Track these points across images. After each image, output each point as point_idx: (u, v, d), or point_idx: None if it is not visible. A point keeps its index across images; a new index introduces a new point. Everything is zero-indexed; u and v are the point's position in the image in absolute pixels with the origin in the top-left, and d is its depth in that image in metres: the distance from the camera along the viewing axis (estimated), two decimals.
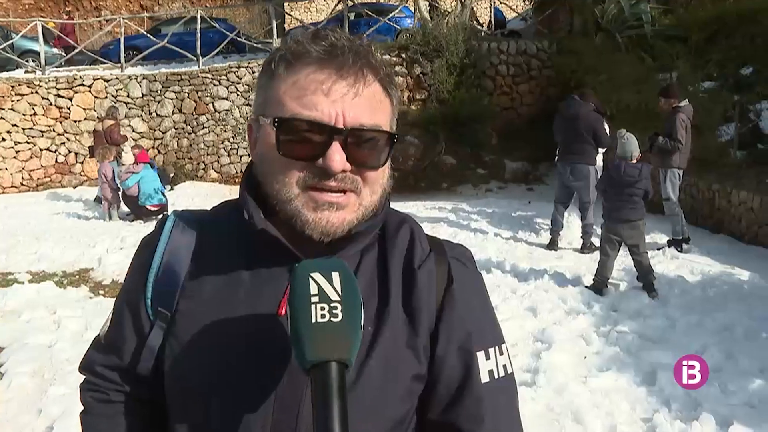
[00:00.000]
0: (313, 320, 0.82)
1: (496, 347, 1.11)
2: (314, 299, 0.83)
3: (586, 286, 6.55)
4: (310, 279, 0.85)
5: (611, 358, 4.95)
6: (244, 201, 1.05)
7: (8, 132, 14.87)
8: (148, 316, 1.09)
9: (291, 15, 22.12)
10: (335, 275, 0.86)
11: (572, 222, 8.82)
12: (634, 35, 13.88)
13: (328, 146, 0.96)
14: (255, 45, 18.45)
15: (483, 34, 17.11)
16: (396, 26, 17.24)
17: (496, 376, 1.09)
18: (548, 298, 6.22)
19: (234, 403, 1.01)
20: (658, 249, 7.94)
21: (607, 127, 8.33)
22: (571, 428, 3.97)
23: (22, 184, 15.01)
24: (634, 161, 6.40)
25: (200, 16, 17.17)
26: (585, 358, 4.98)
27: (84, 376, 1.19)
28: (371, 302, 1.05)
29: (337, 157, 0.96)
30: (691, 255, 7.78)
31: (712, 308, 5.91)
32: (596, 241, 8.01)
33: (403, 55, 15.13)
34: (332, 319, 0.82)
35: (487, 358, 1.09)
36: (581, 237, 8.33)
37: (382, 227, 1.12)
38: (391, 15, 17.46)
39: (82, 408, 1.18)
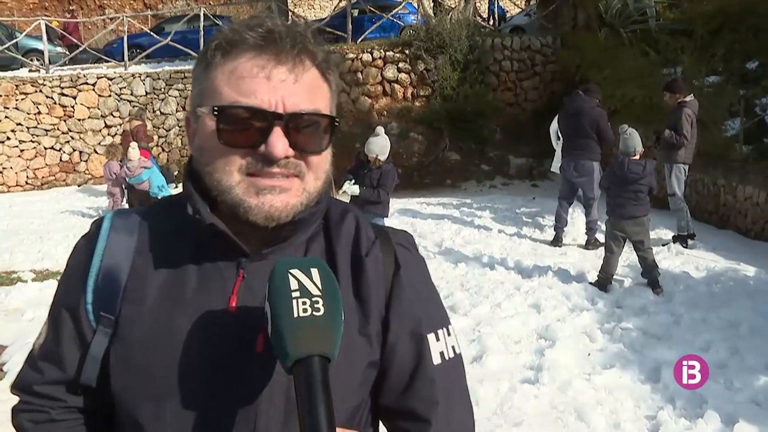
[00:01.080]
0: (296, 315, 0.81)
1: (445, 329, 1.13)
2: (295, 294, 0.82)
3: (591, 283, 6.52)
4: (290, 275, 0.84)
5: (615, 355, 4.93)
6: (188, 196, 1.03)
7: (13, 131, 14.89)
8: (90, 322, 1.05)
9: (294, 12, 22.11)
10: (314, 271, 0.86)
11: (576, 218, 8.78)
12: (639, 30, 13.80)
13: (269, 132, 0.96)
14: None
15: (486, 29, 17.04)
16: (400, 23, 17.19)
17: (447, 357, 1.11)
18: (552, 295, 6.19)
19: (189, 403, 0.99)
20: (663, 245, 7.90)
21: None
22: (575, 426, 3.95)
23: (26, 182, 15.04)
24: (637, 157, 6.35)
25: (203, 14, 17.16)
26: (589, 355, 4.96)
27: (18, 397, 1.11)
28: None
29: (279, 143, 0.95)
30: (697, 251, 7.74)
31: (717, 304, 5.87)
32: (601, 237, 7.98)
33: (407, 52, 15.07)
34: (314, 313, 0.82)
35: (437, 339, 1.11)
36: (585, 233, 8.30)
37: (325, 217, 1.12)
38: (394, 11, 17.41)
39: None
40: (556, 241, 8.29)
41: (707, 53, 11.50)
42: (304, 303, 0.82)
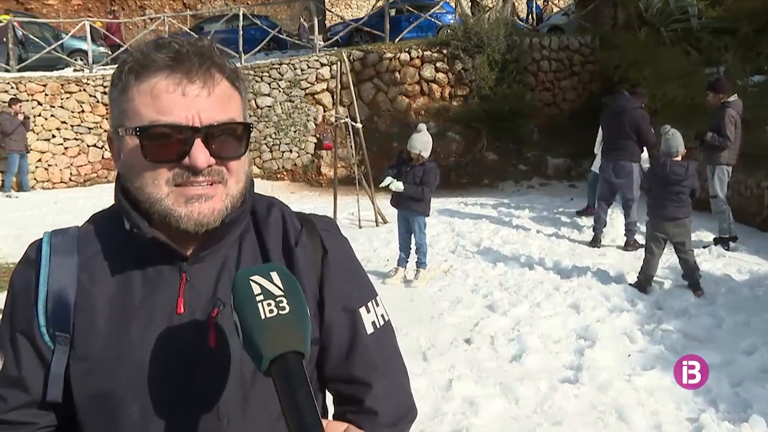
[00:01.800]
0: (263, 317, 0.84)
1: (373, 300, 1.24)
2: (259, 298, 0.85)
3: (630, 284, 6.47)
4: (251, 282, 0.87)
5: (656, 356, 4.89)
6: (125, 212, 1.08)
7: (57, 129, 15.23)
8: (46, 343, 1.09)
9: (332, 11, 22.23)
10: (273, 274, 0.89)
11: (615, 219, 8.71)
12: (680, 29, 13.61)
13: (191, 145, 1.02)
14: (296, 42, 18.57)
15: (524, 29, 16.95)
16: (437, 22, 17.18)
17: (378, 326, 1.22)
18: (591, 296, 6.16)
19: (152, 407, 1.05)
20: (704, 247, 7.79)
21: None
22: (616, 426, 3.93)
23: (70, 179, 15.36)
24: (679, 158, 6.28)
25: (242, 14, 17.34)
26: (629, 356, 4.93)
27: None
28: None
29: (201, 155, 1.02)
30: (739, 253, 7.61)
31: (760, 308, 5.78)
32: (640, 238, 7.92)
33: (445, 51, 15.07)
34: (280, 312, 0.85)
35: (368, 312, 1.21)
36: (624, 235, 8.22)
37: (253, 212, 1.19)
38: (432, 11, 17.40)
39: None
40: (595, 242, 8.23)
41: (752, 52, 11.30)
42: (269, 304, 0.85)
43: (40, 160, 15.07)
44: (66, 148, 15.35)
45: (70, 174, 15.38)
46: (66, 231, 1.17)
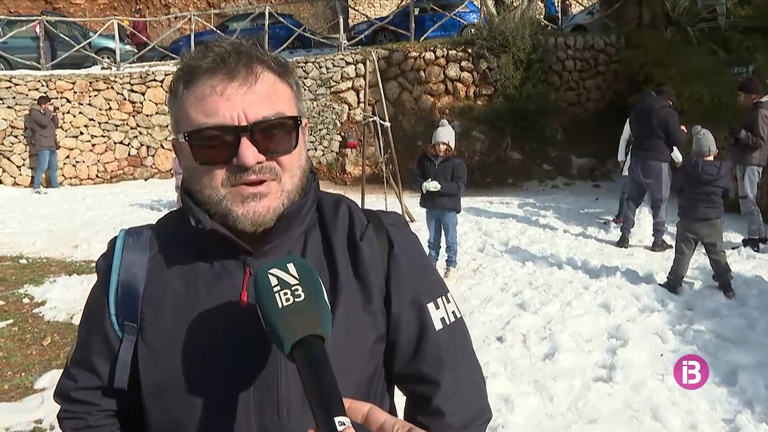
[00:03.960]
0: (280, 306, 0.88)
1: (443, 296, 1.23)
2: (276, 289, 0.90)
3: (660, 284, 6.46)
4: (269, 275, 0.92)
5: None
6: (188, 208, 1.12)
7: (85, 126, 15.45)
8: (115, 332, 1.15)
9: (356, 10, 22.26)
10: (290, 265, 0.93)
11: (642, 219, 8.69)
12: (707, 28, 13.51)
13: (237, 145, 1.04)
14: (321, 40, 18.64)
15: (549, 28, 16.91)
16: (461, 21, 17.17)
17: (448, 322, 1.21)
18: (621, 295, 6.17)
19: (215, 394, 1.08)
20: (733, 248, 7.75)
21: (683, 128, 8.13)
22: (651, 425, 3.94)
23: (97, 176, 15.57)
24: (711, 158, 6.26)
25: (268, 12, 17.44)
26: (661, 355, 4.93)
27: (60, 405, 1.23)
28: (323, 278, 1.10)
29: (249, 152, 1.03)
30: None
31: None
32: (667, 239, 7.90)
33: (469, 51, 15.08)
34: (296, 300, 0.89)
35: (437, 307, 1.21)
36: (653, 235, 8.19)
37: (319, 209, 1.21)
38: (456, 10, 17.39)
39: None
40: (623, 242, 8.22)
41: None
42: (285, 294, 0.89)
43: (68, 156, 15.30)
44: (93, 145, 15.57)
45: (97, 171, 15.60)
46: (140, 229, 1.24)
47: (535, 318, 5.62)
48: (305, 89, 15.58)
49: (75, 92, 15.34)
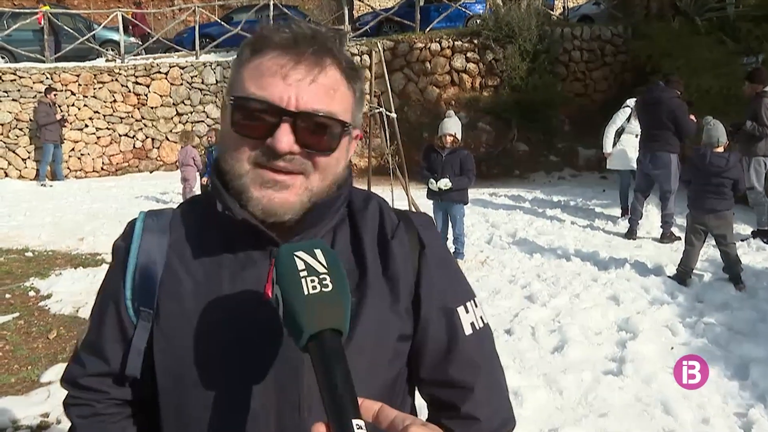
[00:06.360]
0: (306, 293, 0.83)
1: (472, 301, 1.19)
2: (303, 274, 0.85)
3: (669, 276, 6.41)
4: (295, 257, 0.87)
5: (699, 349, 4.83)
6: (217, 192, 1.07)
7: (90, 118, 15.43)
8: (130, 317, 1.11)
9: (361, 1, 22.17)
10: (317, 251, 0.88)
11: (650, 211, 8.63)
12: (715, 17, 13.40)
13: (277, 127, 1.00)
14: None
15: (555, 19, 16.81)
16: (467, 12, 17.09)
17: (477, 328, 1.17)
18: (630, 287, 6.13)
19: (233, 388, 1.04)
20: (743, 240, 7.69)
21: (693, 117, 8.07)
22: (662, 419, 3.90)
23: (102, 168, 15.57)
24: (721, 149, 6.20)
25: (272, 4, 17.36)
26: (672, 348, 4.88)
27: (67, 391, 1.19)
28: (351, 275, 1.08)
29: (284, 138, 0.99)
30: None
31: None
32: (676, 231, 7.85)
33: (475, 41, 15.01)
34: (323, 289, 0.84)
35: (467, 312, 1.17)
36: (661, 227, 8.14)
37: (349, 205, 1.17)
38: (462, 1, 17.31)
39: (70, 427, 1.19)
40: (631, 234, 8.17)
41: None
42: (312, 281, 0.84)
43: (73, 149, 15.30)
44: (98, 138, 15.55)
45: (102, 163, 15.59)
46: (161, 212, 1.19)
47: (543, 310, 5.58)
48: None
49: (79, 85, 15.32)
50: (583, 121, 14.40)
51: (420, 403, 1.23)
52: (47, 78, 15.01)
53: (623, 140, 9.05)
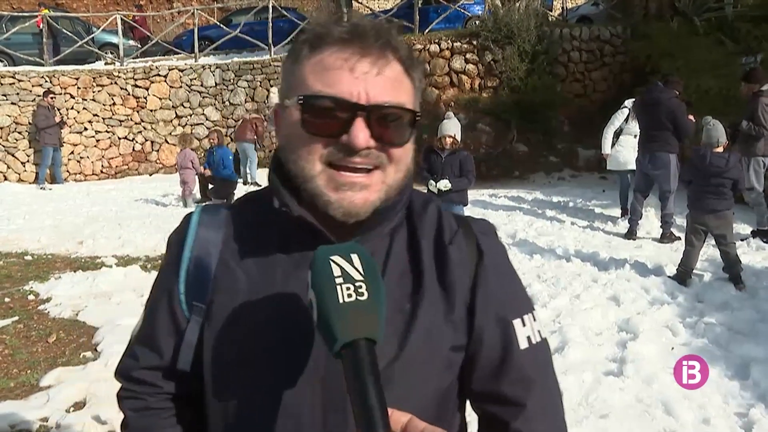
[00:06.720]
0: (341, 300, 0.81)
1: (530, 314, 1.14)
2: (338, 280, 0.83)
3: (670, 276, 6.40)
4: (331, 262, 0.85)
5: (700, 349, 4.83)
6: (275, 189, 1.06)
7: (89, 122, 15.47)
8: (183, 311, 1.11)
9: (360, 2, 22.18)
10: (354, 257, 0.86)
11: (650, 211, 8.63)
12: (714, 18, 13.41)
13: (351, 122, 0.97)
14: None
15: (554, 19, 16.81)
16: (466, 13, 17.09)
17: (534, 342, 1.12)
18: (630, 288, 6.12)
19: (280, 387, 1.02)
20: (742, 240, 7.68)
21: (692, 117, 8.08)
22: (663, 419, 3.90)
23: (101, 171, 15.60)
24: (721, 149, 6.20)
25: (271, 6, 17.38)
26: (672, 349, 4.87)
27: (120, 384, 1.19)
28: (406, 280, 1.06)
29: (361, 133, 0.97)
30: None
31: None
32: (675, 231, 7.84)
33: (474, 42, 15.00)
34: (359, 297, 0.82)
35: (524, 325, 1.12)
36: (661, 227, 8.14)
37: (408, 207, 1.13)
38: (460, 2, 17.31)
39: (123, 419, 1.19)
40: (631, 234, 8.16)
41: None
42: (348, 288, 0.83)
43: (72, 152, 15.32)
44: (98, 141, 15.58)
45: (102, 166, 15.63)
46: (217, 207, 1.18)
47: (544, 311, 5.58)
48: None
49: (79, 88, 15.35)
50: (582, 122, 14.39)
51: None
52: (46, 81, 15.03)
53: (621, 141, 9.05)
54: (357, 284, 0.83)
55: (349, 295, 0.82)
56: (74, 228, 9.65)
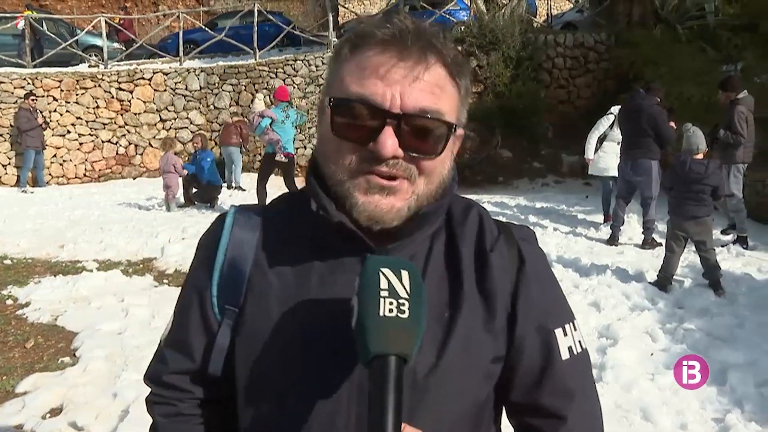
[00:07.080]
0: (381, 313, 0.82)
1: (571, 323, 1.11)
2: (384, 293, 0.83)
3: (650, 282, 6.44)
4: (380, 274, 0.85)
5: (679, 355, 4.82)
6: (312, 191, 1.03)
7: (73, 124, 15.36)
8: (215, 315, 1.07)
9: (345, 7, 22.20)
10: (404, 273, 0.86)
11: (632, 217, 8.69)
12: (696, 26, 13.54)
13: (380, 130, 0.94)
14: (310, 38, 18.58)
15: (539, 26, 16.90)
16: (451, 19, 17.15)
17: (575, 352, 1.09)
18: (611, 294, 6.14)
19: (314, 396, 0.99)
20: (722, 246, 7.75)
21: (673, 124, 8.15)
22: (641, 425, 3.92)
23: (84, 175, 15.48)
24: (701, 156, 6.25)
25: (257, 10, 17.37)
26: (652, 354, 4.90)
27: (150, 388, 1.16)
28: (444, 286, 1.04)
29: (388, 142, 0.93)
30: (758, 252, 7.57)
31: None
32: (657, 237, 7.89)
33: (459, 48, 15.00)
34: (399, 314, 0.82)
35: (565, 334, 1.09)
36: (642, 233, 8.18)
37: (448, 212, 1.10)
38: (446, 7, 17.38)
39: (152, 424, 1.15)
40: (613, 240, 8.20)
41: None
42: (390, 303, 0.83)
43: (55, 155, 15.20)
44: (81, 144, 15.47)
45: (85, 169, 15.51)
46: (252, 207, 1.15)
47: None
48: (294, 87, 15.52)
49: (62, 90, 15.24)
50: (566, 128, 14.46)
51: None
52: (28, 83, 14.90)
53: (605, 147, 9.11)
54: (401, 301, 0.84)
55: (390, 310, 0.82)
56: (56, 232, 9.56)
